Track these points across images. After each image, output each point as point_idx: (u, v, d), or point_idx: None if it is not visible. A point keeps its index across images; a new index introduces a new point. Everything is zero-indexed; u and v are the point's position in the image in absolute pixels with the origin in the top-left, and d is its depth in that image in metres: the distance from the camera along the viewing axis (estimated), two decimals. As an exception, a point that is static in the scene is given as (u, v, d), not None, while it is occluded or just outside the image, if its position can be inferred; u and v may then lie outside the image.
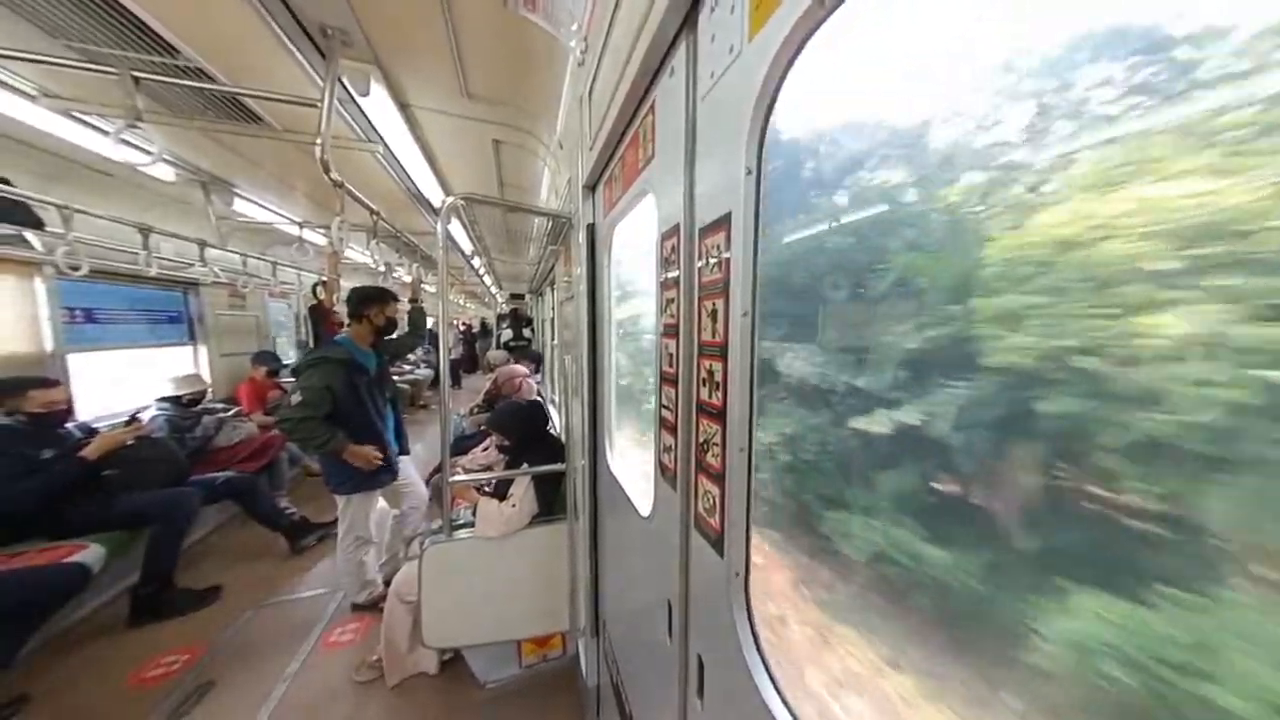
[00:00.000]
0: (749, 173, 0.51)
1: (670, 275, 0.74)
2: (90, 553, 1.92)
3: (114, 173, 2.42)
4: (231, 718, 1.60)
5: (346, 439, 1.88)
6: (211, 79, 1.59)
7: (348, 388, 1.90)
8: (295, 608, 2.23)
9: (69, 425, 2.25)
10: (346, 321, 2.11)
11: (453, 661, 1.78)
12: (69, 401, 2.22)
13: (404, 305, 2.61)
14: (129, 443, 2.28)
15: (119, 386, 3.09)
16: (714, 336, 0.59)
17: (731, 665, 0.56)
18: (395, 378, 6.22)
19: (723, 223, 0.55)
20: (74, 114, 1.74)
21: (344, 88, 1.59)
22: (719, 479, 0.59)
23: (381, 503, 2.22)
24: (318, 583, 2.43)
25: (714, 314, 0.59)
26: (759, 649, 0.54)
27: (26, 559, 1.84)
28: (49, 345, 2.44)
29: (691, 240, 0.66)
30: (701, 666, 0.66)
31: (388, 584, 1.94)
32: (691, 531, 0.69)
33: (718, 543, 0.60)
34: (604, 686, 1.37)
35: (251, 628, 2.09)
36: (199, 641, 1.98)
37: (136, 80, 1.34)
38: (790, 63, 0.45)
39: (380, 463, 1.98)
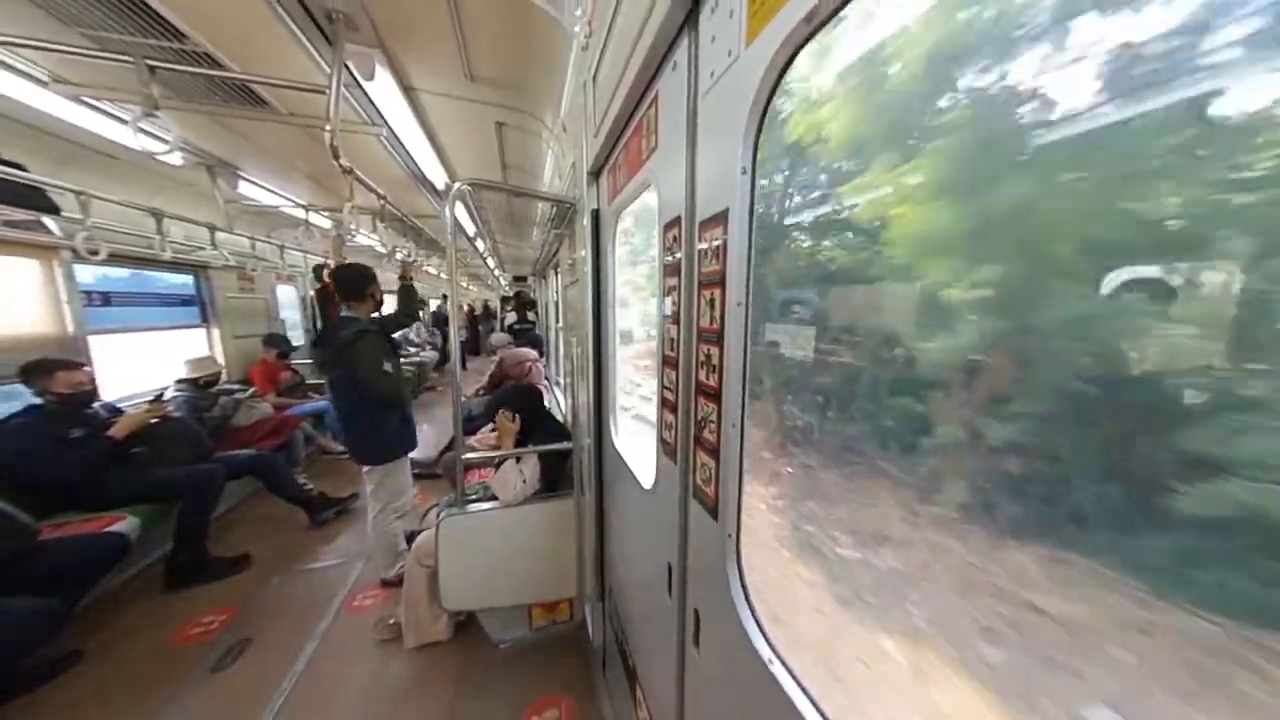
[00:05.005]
0: (744, 172, 0.54)
1: (672, 264, 0.78)
2: (127, 523, 2.05)
3: (120, 156, 2.45)
4: (270, 670, 1.74)
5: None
6: (219, 64, 1.60)
7: (387, 355, 2.01)
8: (320, 575, 2.37)
9: (95, 405, 2.36)
10: (348, 303, 2.03)
11: (467, 624, 1.91)
12: (93, 382, 2.31)
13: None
14: (153, 421, 2.38)
15: (140, 369, 3.18)
16: (711, 323, 0.64)
17: (724, 614, 0.64)
18: (401, 359, 6.33)
19: (720, 218, 0.59)
20: (84, 100, 1.76)
21: (349, 72, 1.60)
22: (714, 452, 0.65)
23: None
24: (339, 553, 2.57)
25: (712, 302, 0.63)
26: (747, 599, 0.61)
27: (69, 529, 1.97)
28: (70, 328, 2.52)
29: (692, 232, 0.69)
30: (698, 618, 0.74)
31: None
32: (690, 500, 0.76)
33: (713, 509, 0.66)
34: (609, 645, 1.49)
35: (281, 592, 2.23)
36: (233, 604, 2.13)
37: (151, 69, 1.35)
38: (783, 71, 0.49)
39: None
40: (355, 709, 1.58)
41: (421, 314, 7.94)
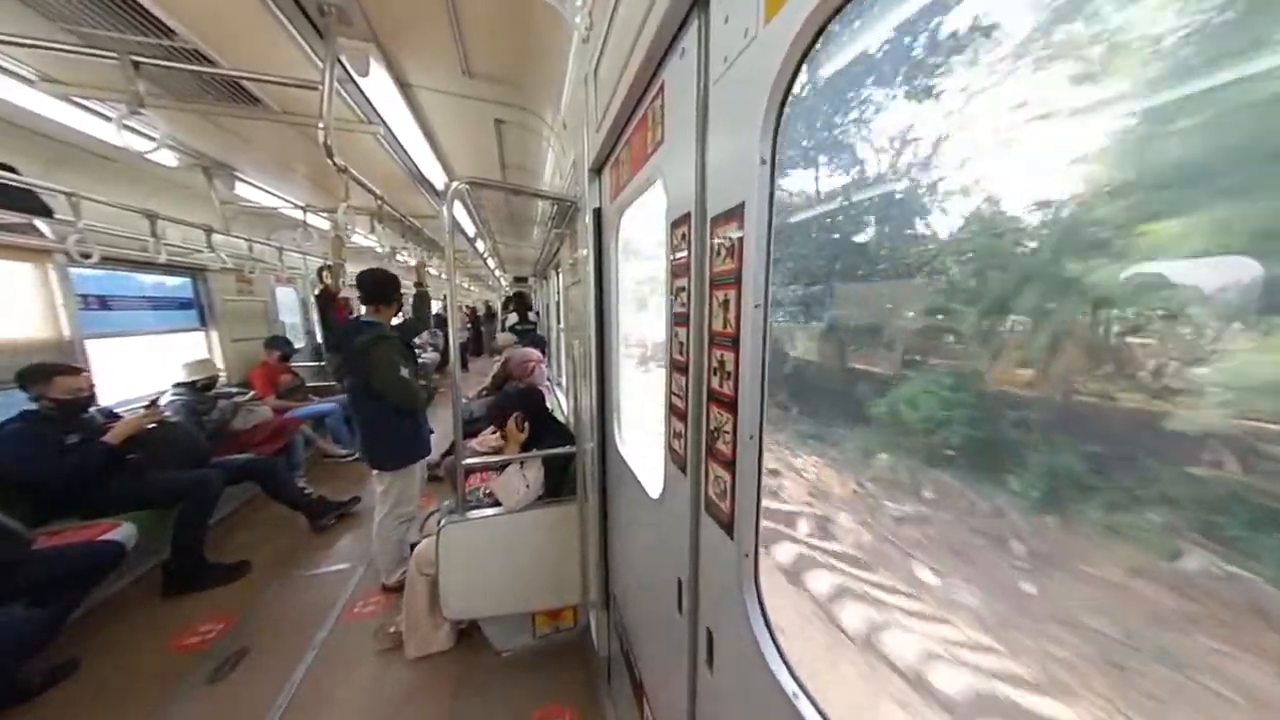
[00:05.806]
0: (763, 162, 0.50)
1: (680, 264, 0.74)
2: (123, 530, 2.01)
3: (116, 158, 2.41)
4: (268, 680, 1.70)
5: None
6: (209, 61, 1.56)
7: (405, 361, 2.02)
8: (319, 582, 2.34)
9: (91, 410, 2.32)
10: (373, 306, 2.09)
11: (470, 632, 1.87)
12: (91, 388, 2.28)
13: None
14: (149, 427, 2.35)
15: (138, 373, 3.15)
16: (725, 327, 0.60)
17: (741, 638, 0.59)
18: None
19: (735, 213, 0.55)
20: (74, 99, 1.72)
21: (343, 68, 1.56)
22: (729, 465, 0.61)
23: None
24: (339, 558, 2.54)
25: (725, 304, 0.59)
26: (767, 624, 0.57)
27: (64, 537, 1.94)
28: (66, 332, 2.49)
29: (703, 229, 0.65)
30: (711, 639, 0.70)
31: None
32: (702, 514, 0.71)
33: (728, 525, 0.62)
34: (615, 656, 1.45)
35: (280, 600, 2.20)
36: (231, 612, 2.09)
37: (136, 65, 1.31)
38: (807, 50, 0.44)
39: None
40: None
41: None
